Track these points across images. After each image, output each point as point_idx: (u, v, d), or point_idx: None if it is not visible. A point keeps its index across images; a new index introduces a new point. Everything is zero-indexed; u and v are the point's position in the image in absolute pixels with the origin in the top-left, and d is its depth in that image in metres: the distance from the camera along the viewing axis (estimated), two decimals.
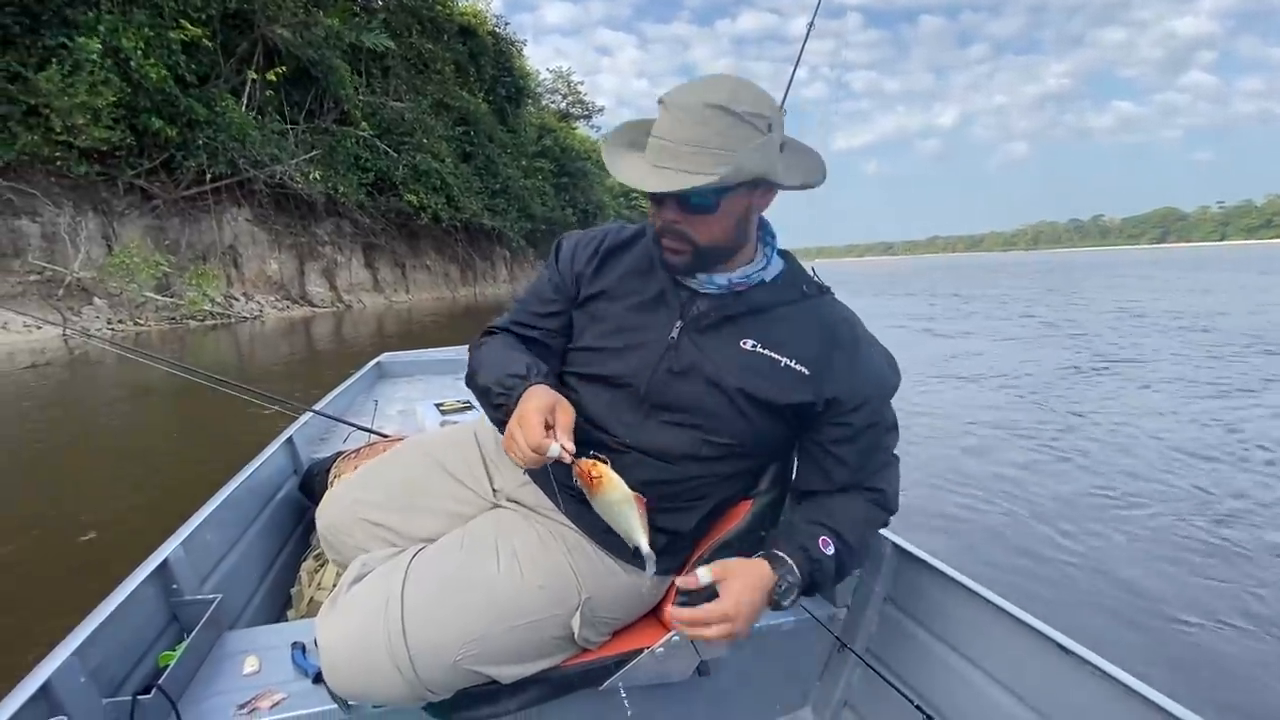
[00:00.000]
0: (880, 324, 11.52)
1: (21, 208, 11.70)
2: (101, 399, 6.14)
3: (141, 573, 1.12)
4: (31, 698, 0.79)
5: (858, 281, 36.52)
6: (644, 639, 1.05)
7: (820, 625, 1.26)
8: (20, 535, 2.90)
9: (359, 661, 0.88)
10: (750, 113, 0.85)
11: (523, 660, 0.96)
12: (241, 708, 0.98)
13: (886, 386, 1.01)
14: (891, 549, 1.30)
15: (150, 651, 1.10)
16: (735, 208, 0.91)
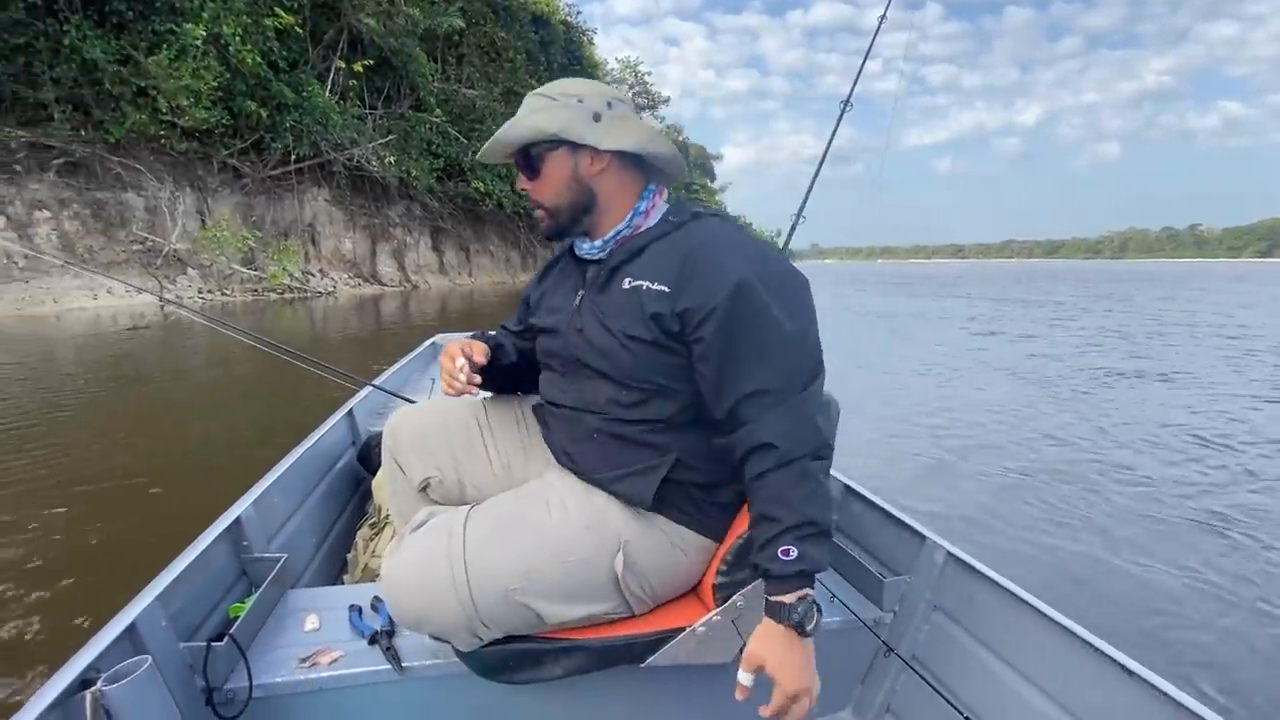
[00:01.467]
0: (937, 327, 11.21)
1: (129, 182, 12.71)
2: (190, 363, 6.66)
3: (216, 528, 1.21)
4: (118, 637, 0.87)
5: (920, 283, 35.16)
6: (686, 617, 1.05)
7: (865, 628, 1.25)
8: (103, 479, 3.24)
9: (421, 587, 0.95)
10: (561, 93, 1.04)
11: (569, 600, 1.00)
12: (303, 661, 1.06)
13: (737, 288, 0.93)
14: (944, 556, 1.27)
15: (222, 602, 1.18)
16: (559, 169, 1.05)
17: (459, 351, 1.13)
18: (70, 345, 7.77)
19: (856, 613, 1.27)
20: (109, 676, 0.81)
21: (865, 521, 1.56)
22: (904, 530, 1.41)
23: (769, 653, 0.90)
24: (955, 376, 7.15)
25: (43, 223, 11.44)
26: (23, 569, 2.33)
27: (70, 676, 0.79)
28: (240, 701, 0.99)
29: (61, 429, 4.14)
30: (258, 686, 1.01)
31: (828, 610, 1.30)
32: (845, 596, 1.35)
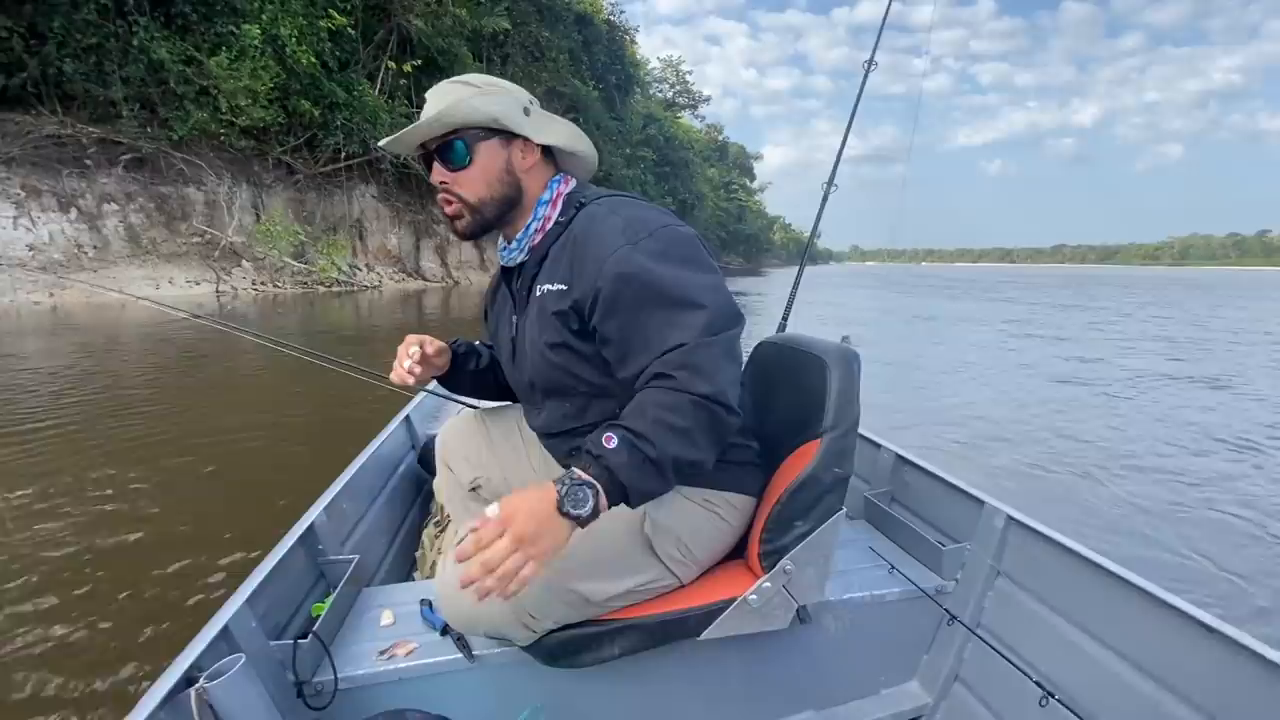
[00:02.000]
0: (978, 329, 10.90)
1: (190, 177, 13.27)
2: (243, 355, 6.88)
3: (293, 535, 1.27)
4: (214, 638, 0.92)
5: (964, 285, 34.14)
6: (738, 587, 1.07)
7: (927, 598, 1.24)
8: (208, 436, 3.57)
9: (466, 592, 0.97)
10: (486, 83, 0.99)
11: (608, 575, 1.02)
12: (382, 654, 1.11)
13: (615, 264, 0.89)
14: (1004, 520, 1.26)
15: (304, 603, 1.23)
16: (491, 160, 1.00)
17: (414, 341, 1.16)
18: (137, 332, 8.13)
19: (917, 582, 1.26)
20: (209, 674, 0.85)
21: (920, 490, 1.56)
22: (961, 496, 1.40)
23: (521, 498, 0.79)
24: (976, 374, 7.08)
25: (111, 215, 12.02)
26: (171, 499, 2.87)
27: (175, 676, 0.83)
28: (328, 693, 1.04)
29: (156, 400, 4.68)
30: (342, 679, 1.06)
31: (888, 582, 1.31)
32: (905, 567, 1.35)
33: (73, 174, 11.54)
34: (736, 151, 74.97)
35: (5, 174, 10.65)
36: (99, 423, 4.01)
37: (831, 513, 1.04)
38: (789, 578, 1.04)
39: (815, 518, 1.03)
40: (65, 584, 2.15)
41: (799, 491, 1.03)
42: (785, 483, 1.06)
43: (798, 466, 1.06)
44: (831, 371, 1.08)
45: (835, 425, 1.05)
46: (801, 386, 1.14)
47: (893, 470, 1.64)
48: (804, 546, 1.03)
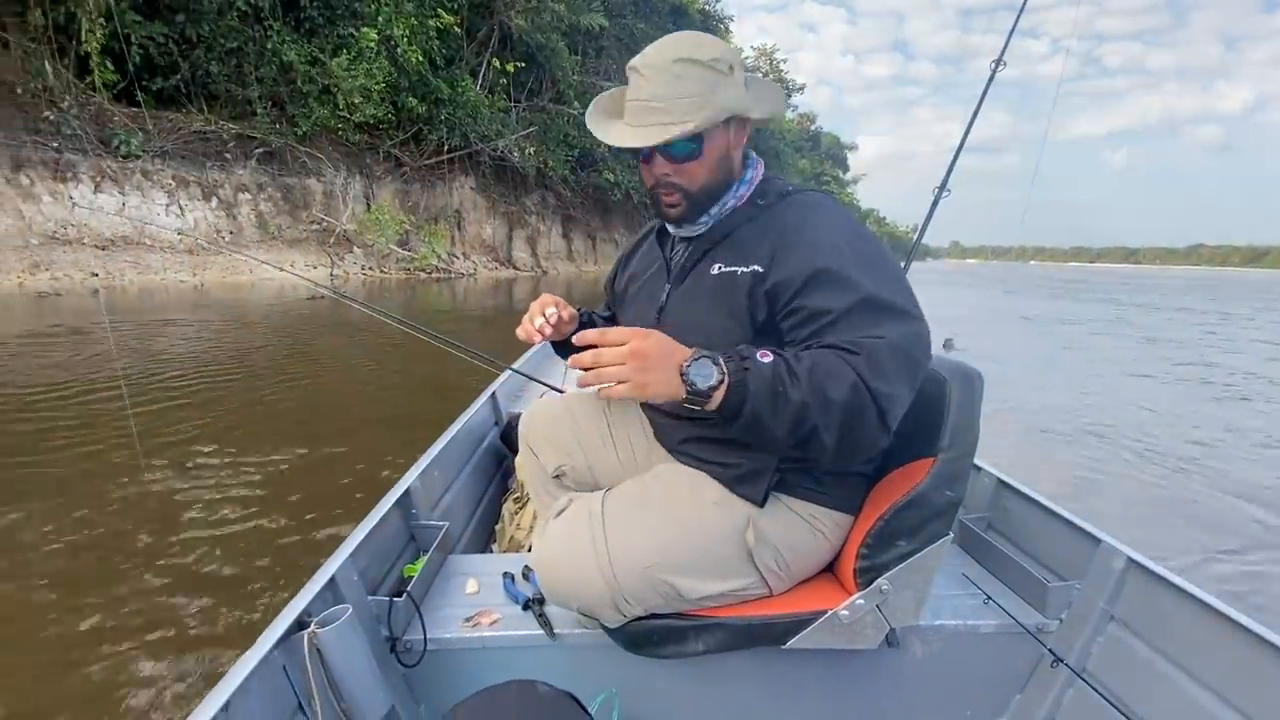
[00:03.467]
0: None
1: (311, 169, 14.43)
2: (355, 331, 7.48)
3: (391, 497, 1.33)
4: (323, 588, 1.00)
5: (1089, 290, 31.34)
6: (828, 600, 1.05)
7: (1028, 635, 1.19)
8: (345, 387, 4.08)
9: (569, 567, 1.02)
10: (714, 59, 0.92)
11: (705, 575, 1.02)
12: (467, 621, 1.17)
13: (824, 259, 0.88)
14: (1124, 562, 1.19)
15: (396, 563, 1.30)
16: (717, 149, 0.98)
17: (551, 302, 1.18)
18: (265, 309, 9.01)
19: (1016, 618, 1.20)
20: (319, 620, 0.95)
21: (1024, 520, 1.47)
22: (1074, 532, 1.32)
23: (663, 337, 0.83)
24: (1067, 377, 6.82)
25: (244, 204, 13.30)
26: (328, 430, 3.77)
27: (290, 618, 0.93)
28: (417, 652, 1.12)
29: (293, 363, 5.73)
30: (431, 640, 1.13)
31: (982, 613, 1.25)
32: (1002, 600, 1.27)
33: (214, 166, 12.85)
34: (830, 141, 72.33)
35: (160, 166, 12.02)
36: (269, 376, 5.03)
37: (937, 536, 1.00)
38: (884, 598, 1.01)
39: (920, 539, 1.00)
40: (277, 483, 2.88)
41: (905, 510, 0.99)
42: (889, 499, 1.02)
43: (904, 484, 1.02)
44: (952, 390, 1.02)
45: (951, 446, 1.00)
46: (914, 401, 1.09)
47: (993, 496, 1.56)
48: (905, 568, 1.00)
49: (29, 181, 10.35)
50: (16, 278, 9.48)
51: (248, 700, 0.82)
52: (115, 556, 2.22)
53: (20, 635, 1.82)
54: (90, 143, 11.03)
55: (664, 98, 0.92)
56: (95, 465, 3.01)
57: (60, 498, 2.63)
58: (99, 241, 10.90)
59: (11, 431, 3.44)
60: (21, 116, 10.38)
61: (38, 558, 2.21)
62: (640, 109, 0.95)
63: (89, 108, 11.20)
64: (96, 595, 1.99)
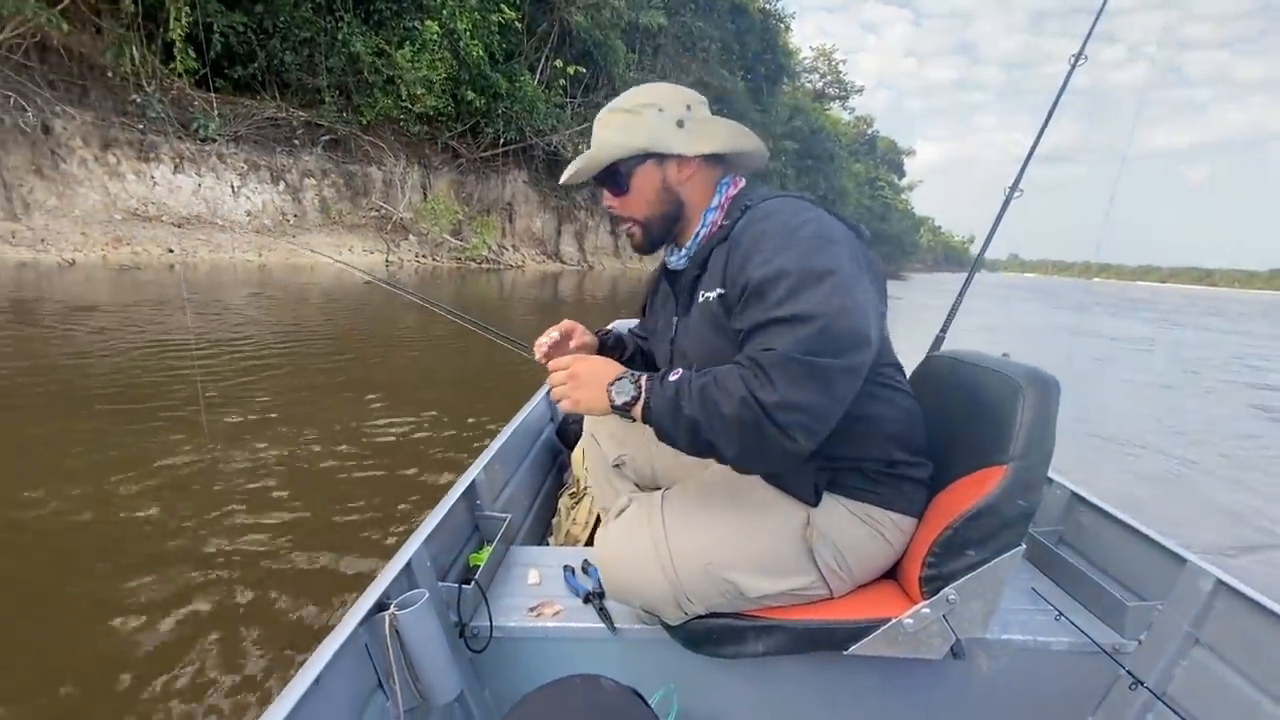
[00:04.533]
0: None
1: (373, 157, 14.90)
2: (406, 314, 7.72)
3: (459, 488, 1.36)
4: (399, 572, 1.03)
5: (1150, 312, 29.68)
6: (891, 608, 1.04)
7: (1104, 654, 1.16)
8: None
9: (630, 564, 1.05)
10: (639, 104, 1.03)
11: (766, 573, 1.03)
12: (530, 610, 1.19)
13: (757, 269, 0.90)
14: (1213, 584, 1.14)
15: (462, 552, 1.33)
16: (647, 182, 1.05)
17: (565, 327, 1.26)
18: (326, 292, 9.37)
19: (1092, 637, 1.17)
20: (399, 603, 0.99)
21: (1099, 536, 1.42)
22: (1156, 550, 1.27)
23: (599, 360, 1.02)
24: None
25: (309, 189, 13.84)
26: (409, 394, 4.13)
27: (371, 600, 0.97)
28: (484, 638, 1.15)
29: (359, 340, 6.12)
30: (497, 628, 1.16)
31: (1053, 629, 1.22)
32: (1074, 616, 1.23)
33: (283, 152, 13.40)
34: (886, 146, 70.61)
35: (234, 150, 12.61)
36: (337, 353, 5.27)
37: (1009, 547, 0.98)
38: (951, 608, 1.00)
39: (991, 549, 0.97)
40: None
41: (976, 519, 0.97)
42: (957, 507, 1.00)
43: (974, 492, 0.99)
44: (1025, 396, 1.00)
45: (1025, 455, 0.97)
46: (983, 407, 1.06)
47: (1065, 509, 1.52)
48: (973, 577, 0.98)
49: (115, 160, 11.00)
50: (101, 251, 10.09)
51: (336, 675, 0.86)
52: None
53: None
54: (171, 125, 11.65)
55: (594, 142, 1.07)
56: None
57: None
58: (176, 219, 11.51)
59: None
60: (111, 98, 11.04)
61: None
62: (590, 146, 1.08)
63: (171, 92, 11.83)
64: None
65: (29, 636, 1.71)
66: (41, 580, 1.97)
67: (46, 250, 9.51)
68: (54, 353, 4.53)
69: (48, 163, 10.16)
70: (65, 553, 2.12)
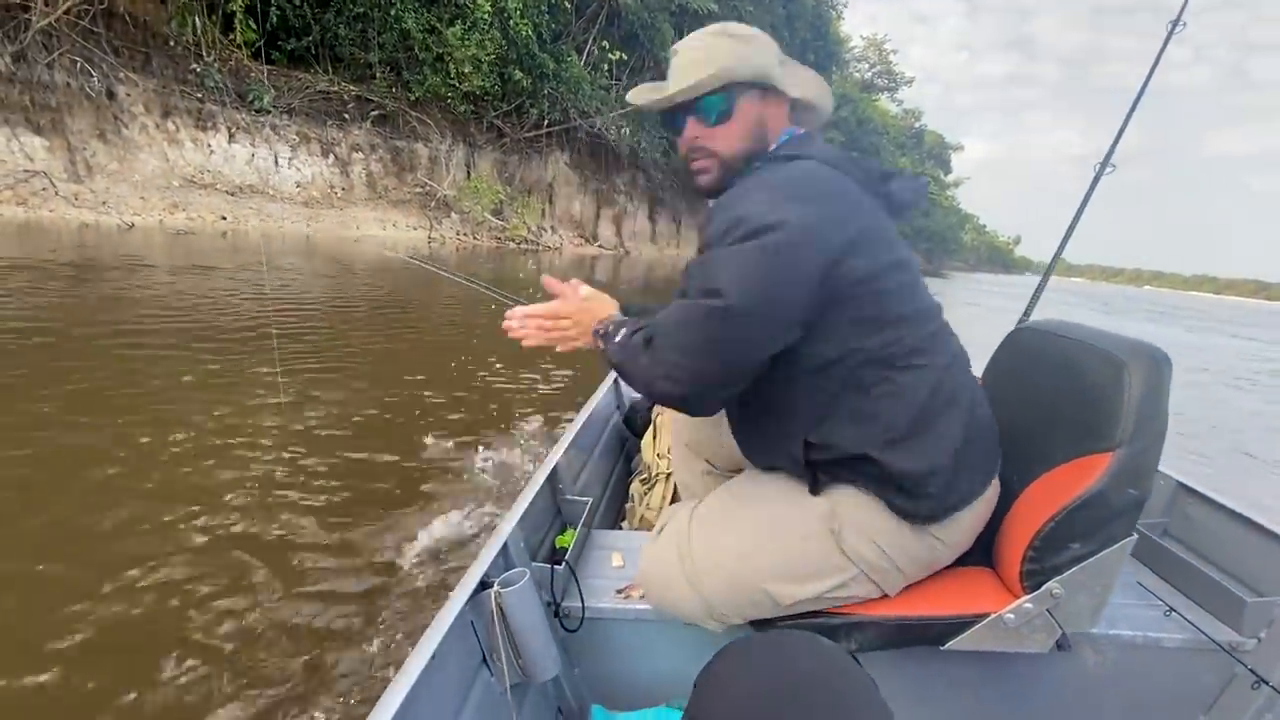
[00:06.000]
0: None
1: (420, 134, 15.02)
2: (445, 291, 7.80)
3: (543, 472, 1.39)
4: (499, 553, 1.06)
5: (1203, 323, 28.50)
6: (991, 602, 1.01)
7: (1221, 652, 1.12)
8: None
9: (662, 586, 1.06)
10: (745, 35, 0.98)
11: (797, 578, 0.99)
12: (618, 592, 1.21)
13: (708, 236, 0.92)
14: None
15: (548, 534, 1.36)
16: (749, 114, 0.99)
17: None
18: (369, 264, 9.51)
19: (1208, 633, 1.12)
20: (501, 581, 1.00)
21: (1211, 528, 1.37)
22: (1274, 543, 1.22)
23: (598, 303, 1.13)
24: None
25: (357, 163, 14.03)
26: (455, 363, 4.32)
27: (476, 578, 0.99)
28: (576, 618, 1.16)
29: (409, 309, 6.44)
30: (588, 608, 1.16)
31: (1164, 625, 1.17)
32: (1187, 613, 1.18)
33: (333, 125, 13.60)
34: (933, 140, 68.64)
35: (287, 121, 12.83)
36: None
37: (1119, 538, 0.93)
38: (1056, 602, 0.96)
39: (1099, 541, 0.93)
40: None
41: (1081, 510, 0.93)
42: (1060, 497, 0.95)
43: (1078, 480, 0.95)
44: (1132, 374, 0.93)
45: (1135, 439, 0.92)
46: (1083, 386, 1.01)
47: (1171, 500, 1.46)
48: (1081, 569, 0.94)
49: (174, 128, 11.29)
50: (158, 215, 10.40)
51: (448, 651, 0.87)
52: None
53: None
54: (229, 95, 11.90)
55: (689, 63, 0.97)
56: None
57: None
58: (230, 188, 11.79)
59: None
60: (173, 67, 11.31)
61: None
62: (678, 72, 0.99)
63: (230, 63, 12.07)
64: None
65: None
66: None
67: (108, 213, 9.83)
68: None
69: (110, 127, 10.47)
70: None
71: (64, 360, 3.39)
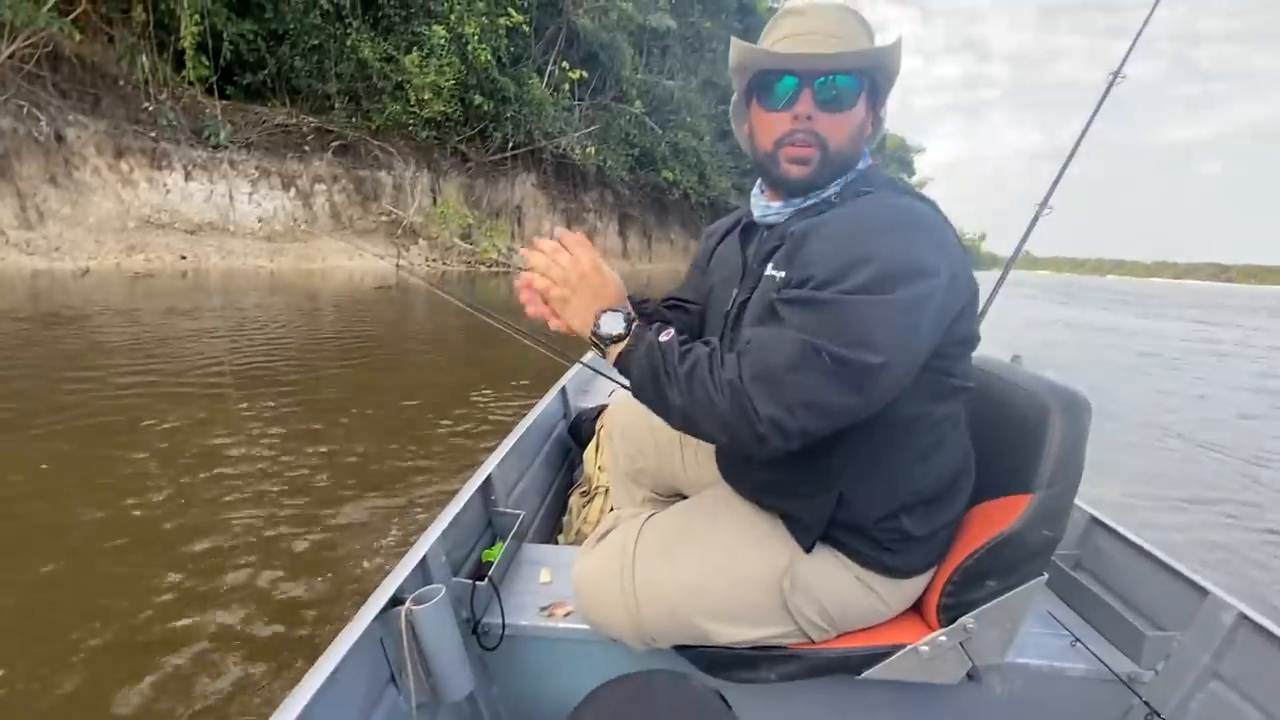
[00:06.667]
0: None
1: (383, 163, 14.95)
2: (417, 318, 7.72)
3: (473, 483, 1.36)
4: (415, 567, 1.02)
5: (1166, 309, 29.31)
6: (907, 634, 1.02)
7: (1121, 684, 1.13)
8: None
9: (596, 596, 1.02)
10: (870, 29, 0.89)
11: (736, 621, 0.97)
12: (543, 610, 1.17)
13: (831, 273, 0.77)
14: (1235, 617, 1.11)
15: (475, 548, 1.32)
16: (863, 109, 0.90)
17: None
18: (335, 296, 9.39)
19: (1108, 664, 1.13)
20: (414, 599, 0.96)
21: (1117, 562, 1.39)
22: (1176, 579, 1.24)
23: (602, 280, 0.89)
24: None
25: (320, 194, 13.91)
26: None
27: (387, 595, 0.96)
28: (496, 635, 1.12)
29: (387, 342, 6.22)
30: (509, 625, 1.13)
31: (1069, 655, 1.19)
32: (1091, 644, 1.21)
33: (294, 158, 13.48)
34: (895, 144, 70.02)
35: (246, 156, 12.69)
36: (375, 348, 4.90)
37: (1031, 576, 0.95)
38: (968, 635, 0.97)
39: (1013, 579, 0.95)
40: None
41: (999, 548, 0.94)
42: (980, 535, 0.97)
43: (997, 520, 0.96)
44: (1054, 419, 0.94)
45: (1053, 484, 0.93)
46: (1009, 427, 1.01)
47: (1083, 533, 1.48)
48: (994, 606, 0.95)
49: (128, 169, 11.11)
50: (114, 258, 10.18)
51: (350, 669, 0.84)
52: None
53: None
54: (184, 133, 11.75)
55: (833, 33, 0.86)
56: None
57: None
58: (188, 226, 11.60)
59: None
60: (124, 107, 11.15)
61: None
62: (804, 38, 0.86)
63: (183, 100, 11.93)
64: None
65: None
66: None
67: (61, 259, 9.60)
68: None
69: (61, 172, 10.27)
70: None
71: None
